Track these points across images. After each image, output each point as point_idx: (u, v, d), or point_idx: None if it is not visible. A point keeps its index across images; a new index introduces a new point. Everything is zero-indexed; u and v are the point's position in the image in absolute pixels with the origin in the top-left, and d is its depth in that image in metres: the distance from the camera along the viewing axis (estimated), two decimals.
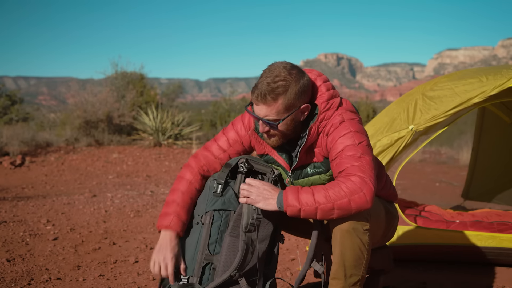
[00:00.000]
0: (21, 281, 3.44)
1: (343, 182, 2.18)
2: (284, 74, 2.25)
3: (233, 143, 2.55)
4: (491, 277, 3.73)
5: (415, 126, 3.72)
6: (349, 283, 2.30)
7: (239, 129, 2.55)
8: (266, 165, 2.47)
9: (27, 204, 6.07)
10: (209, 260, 2.29)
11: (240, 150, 2.56)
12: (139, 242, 4.57)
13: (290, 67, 2.28)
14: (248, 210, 2.21)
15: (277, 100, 2.25)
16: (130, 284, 3.48)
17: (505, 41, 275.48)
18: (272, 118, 2.29)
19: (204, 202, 2.38)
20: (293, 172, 2.47)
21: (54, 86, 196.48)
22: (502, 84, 3.63)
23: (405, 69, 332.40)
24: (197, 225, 2.36)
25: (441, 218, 4.42)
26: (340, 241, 2.26)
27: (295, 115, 2.32)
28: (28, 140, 11.50)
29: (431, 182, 8.76)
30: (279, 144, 2.40)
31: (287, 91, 2.25)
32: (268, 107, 2.26)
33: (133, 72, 15.01)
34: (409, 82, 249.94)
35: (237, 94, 25.77)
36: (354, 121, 2.35)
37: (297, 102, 2.29)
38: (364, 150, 2.26)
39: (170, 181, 8.40)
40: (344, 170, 2.23)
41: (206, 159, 2.56)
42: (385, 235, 2.60)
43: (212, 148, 2.57)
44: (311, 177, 2.45)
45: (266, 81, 2.24)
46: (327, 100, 2.35)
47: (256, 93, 2.27)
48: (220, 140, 2.58)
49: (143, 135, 12.88)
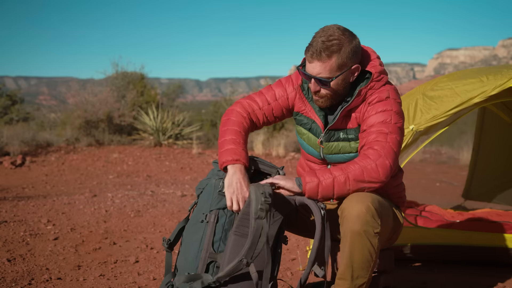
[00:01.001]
0: (21, 281, 3.44)
1: (359, 157, 2.36)
2: (338, 34, 2.33)
3: (279, 97, 2.60)
4: (492, 277, 3.72)
5: (416, 126, 3.72)
6: (355, 284, 2.31)
7: (287, 85, 2.61)
8: (271, 166, 2.50)
9: (28, 204, 6.07)
10: (213, 258, 2.29)
11: (284, 105, 2.60)
12: (140, 242, 4.57)
13: (343, 29, 2.37)
14: (255, 196, 2.18)
15: (331, 57, 2.33)
16: (130, 284, 3.48)
17: (506, 41, 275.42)
18: (325, 76, 2.36)
19: (209, 201, 2.37)
20: (326, 133, 2.51)
21: (55, 86, 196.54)
22: (502, 84, 3.63)
23: (406, 69, 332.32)
24: (201, 223, 2.35)
25: (441, 218, 4.42)
26: (350, 242, 2.27)
27: (346, 74, 2.39)
28: (28, 140, 11.51)
29: (431, 182, 8.76)
30: (327, 105, 2.46)
31: (340, 50, 2.32)
32: (322, 64, 2.34)
33: (134, 72, 15.02)
34: (410, 82, 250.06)
35: (238, 94, 25.73)
36: (397, 102, 2.45)
37: (349, 62, 2.37)
38: (394, 129, 2.38)
39: (171, 181, 8.41)
40: (365, 144, 2.38)
41: (251, 106, 2.61)
42: (389, 238, 2.60)
43: (256, 99, 2.62)
44: (341, 142, 2.51)
45: (321, 40, 2.32)
46: (379, 72, 2.43)
47: (311, 51, 2.34)
48: (266, 93, 2.63)
49: (144, 135, 12.88)
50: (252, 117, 2.60)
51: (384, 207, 2.38)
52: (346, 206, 2.30)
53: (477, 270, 3.91)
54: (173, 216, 5.64)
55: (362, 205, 2.25)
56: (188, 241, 2.37)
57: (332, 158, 2.57)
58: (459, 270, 3.92)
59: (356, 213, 2.25)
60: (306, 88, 2.56)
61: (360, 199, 2.28)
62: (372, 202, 2.28)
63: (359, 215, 2.24)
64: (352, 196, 2.32)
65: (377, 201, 2.32)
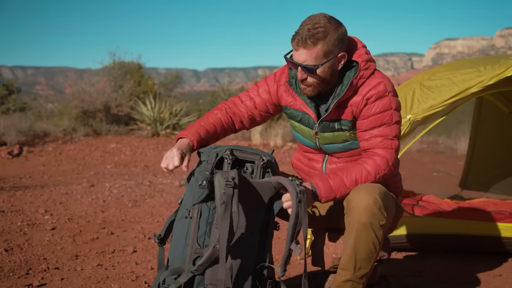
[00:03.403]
0: (19, 271, 3.44)
1: (367, 163, 2.41)
2: (323, 22, 2.34)
3: (262, 91, 2.67)
4: (488, 266, 3.75)
5: (413, 116, 3.72)
6: (357, 275, 2.33)
7: (269, 80, 2.67)
8: (253, 153, 2.43)
9: (25, 194, 6.07)
10: (199, 253, 2.27)
11: (266, 99, 2.66)
12: (137, 232, 4.58)
13: (329, 17, 2.38)
14: (218, 181, 2.16)
15: (317, 44, 2.32)
16: (128, 273, 3.48)
17: (503, 31, 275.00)
18: (311, 63, 2.36)
19: (191, 196, 2.36)
20: (320, 124, 2.52)
21: (52, 76, 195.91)
22: (500, 74, 3.63)
23: (404, 59, 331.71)
24: (185, 219, 2.34)
25: (438, 207, 4.43)
26: (355, 233, 2.28)
27: (333, 62, 2.39)
28: (25, 130, 11.48)
29: (428, 172, 8.78)
30: (314, 94, 2.47)
31: (326, 37, 2.33)
32: (308, 52, 2.34)
33: (131, 62, 14.97)
34: (408, 72, 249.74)
35: (235, 84, 25.72)
36: (395, 95, 2.48)
37: (335, 49, 2.36)
38: (396, 132, 2.45)
39: (168, 171, 8.40)
40: (372, 148, 2.44)
41: (233, 102, 2.72)
42: (390, 227, 2.62)
43: (241, 95, 2.74)
44: (336, 132, 2.53)
45: (307, 27, 2.33)
46: (366, 60, 2.44)
47: (297, 38, 2.35)
48: (250, 89, 2.73)
49: (141, 125, 12.86)
50: (232, 111, 2.70)
51: (388, 198, 2.39)
52: (353, 197, 2.31)
53: (474, 259, 3.92)
54: (171, 206, 5.65)
55: (370, 197, 2.27)
56: (175, 237, 2.35)
57: (328, 148, 2.59)
58: (456, 259, 3.94)
59: (363, 205, 2.26)
60: (294, 82, 2.57)
61: (368, 191, 2.30)
62: (379, 194, 2.29)
63: (366, 207, 2.26)
64: (360, 187, 2.34)
65: (383, 193, 2.34)
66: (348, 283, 2.34)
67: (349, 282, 2.34)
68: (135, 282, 3.33)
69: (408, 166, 8.82)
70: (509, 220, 3.98)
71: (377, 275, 2.74)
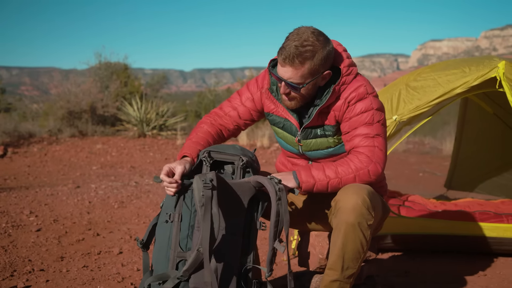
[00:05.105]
0: (3, 273, 3.41)
1: (351, 160, 2.38)
2: (312, 40, 2.29)
3: (245, 100, 2.63)
4: (473, 266, 3.78)
5: (399, 116, 3.74)
6: (345, 275, 2.33)
7: (252, 87, 2.63)
8: (232, 154, 2.43)
9: (10, 195, 6.01)
10: (182, 257, 2.26)
11: (250, 107, 2.63)
12: (123, 233, 4.55)
13: (318, 33, 2.33)
14: (197, 184, 2.16)
15: (304, 64, 2.29)
16: (114, 275, 3.46)
17: (488, 32, 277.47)
18: (296, 81, 2.33)
19: (172, 199, 2.35)
20: (303, 131, 2.51)
21: (37, 77, 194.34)
22: (484, 75, 3.66)
23: (390, 60, 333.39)
24: (166, 223, 2.33)
25: (424, 208, 4.45)
26: (344, 233, 2.28)
27: (317, 80, 2.38)
28: (10, 130, 11.37)
29: (414, 172, 8.83)
30: (296, 107, 2.46)
31: (314, 57, 2.29)
32: (294, 70, 2.31)
33: (117, 62, 14.89)
34: (394, 73, 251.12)
35: (222, 84, 25.70)
36: (375, 96, 2.46)
37: (321, 68, 2.34)
38: (378, 130, 2.41)
39: (155, 172, 8.38)
40: (354, 147, 2.41)
41: (217, 114, 2.68)
42: (377, 227, 2.62)
43: (223, 106, 2.69)
44: (319, 139, 2.52)
45: (294, 44, 2.28)
46: (348, 66, 2.42)
47: (284, 55, 2.30)
48: (232, 99, 2.68)
49: (127, 126, 12.80)
50: (218, 123, 2.66)
51: (376, 198, 2.39)
52: (341, 197, 2.31)
53: (459, 259, 3.95)
54: (157, 207, 5.63)
55: (358, 197, 2.26)
56: (158, 241, 2.34)
57: (311, 154, 2.59)
58: (441, 259, 3.97)
59: (351, 205, 2.26)
60: (275, 89, 2.54)
61: (356, 190, 2.29)
62: (367, 194, 2.29)
63: (354, 207, 2.25)
64: (347, 187, 2.33)
65: (371, 193, 2.34)
66: (336, 283, 2.34)
67: (337, 282, 2.34)
68: (121, 284, 3.31)
69: (394, 166, 8.87)
70: (493, 220, 4.02)
71: (364, 275, 2.75)
